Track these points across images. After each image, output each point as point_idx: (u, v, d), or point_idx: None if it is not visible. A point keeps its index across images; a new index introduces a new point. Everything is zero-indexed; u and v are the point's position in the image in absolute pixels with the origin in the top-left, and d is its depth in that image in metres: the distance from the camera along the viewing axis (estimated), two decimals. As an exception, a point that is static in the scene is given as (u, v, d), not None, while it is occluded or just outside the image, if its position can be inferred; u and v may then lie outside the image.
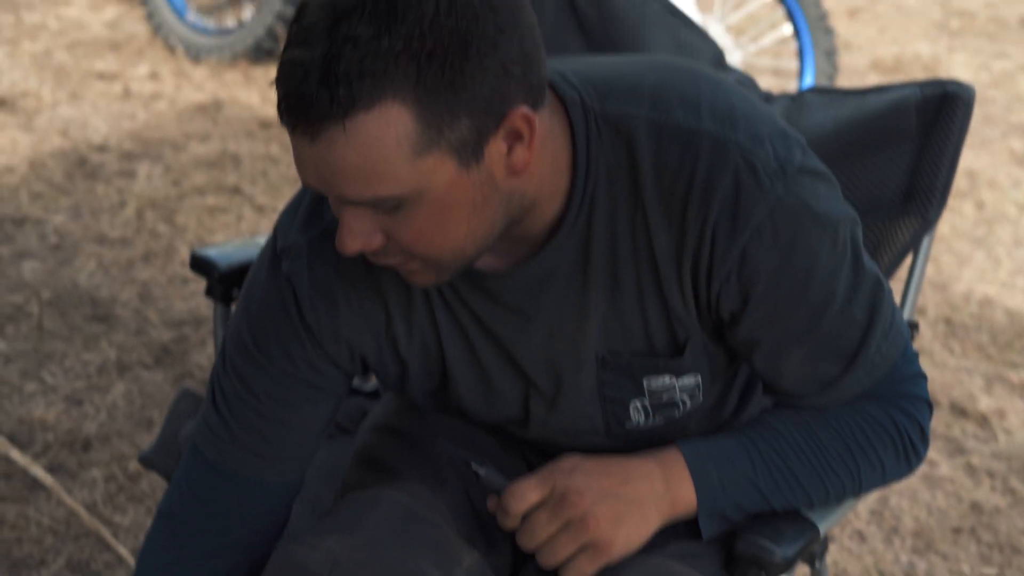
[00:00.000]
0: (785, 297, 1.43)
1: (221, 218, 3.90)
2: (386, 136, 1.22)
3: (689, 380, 1.53)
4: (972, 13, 6.24)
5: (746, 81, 2.10)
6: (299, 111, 1.22)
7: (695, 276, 1.43)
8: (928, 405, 1.59)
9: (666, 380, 1.53)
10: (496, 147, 1.29)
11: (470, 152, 1.27)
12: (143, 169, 4.19)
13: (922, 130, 1.88)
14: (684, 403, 1.55)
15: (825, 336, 1.47)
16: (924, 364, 3.25)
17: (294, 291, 1.49)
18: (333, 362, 1.52)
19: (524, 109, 1.29)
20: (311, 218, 1.49)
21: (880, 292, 1.50)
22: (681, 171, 1.38)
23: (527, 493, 1.46)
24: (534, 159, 1.34)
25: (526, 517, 1.47)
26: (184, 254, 3.65)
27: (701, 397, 1.56)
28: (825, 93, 2.03)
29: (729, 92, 1.45)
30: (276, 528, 1.59)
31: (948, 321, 3.58)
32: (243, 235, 3.78)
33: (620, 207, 1.42)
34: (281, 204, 3.98)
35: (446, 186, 1.28)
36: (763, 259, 1.40)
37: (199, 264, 1.98)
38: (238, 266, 1.97)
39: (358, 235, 1.32)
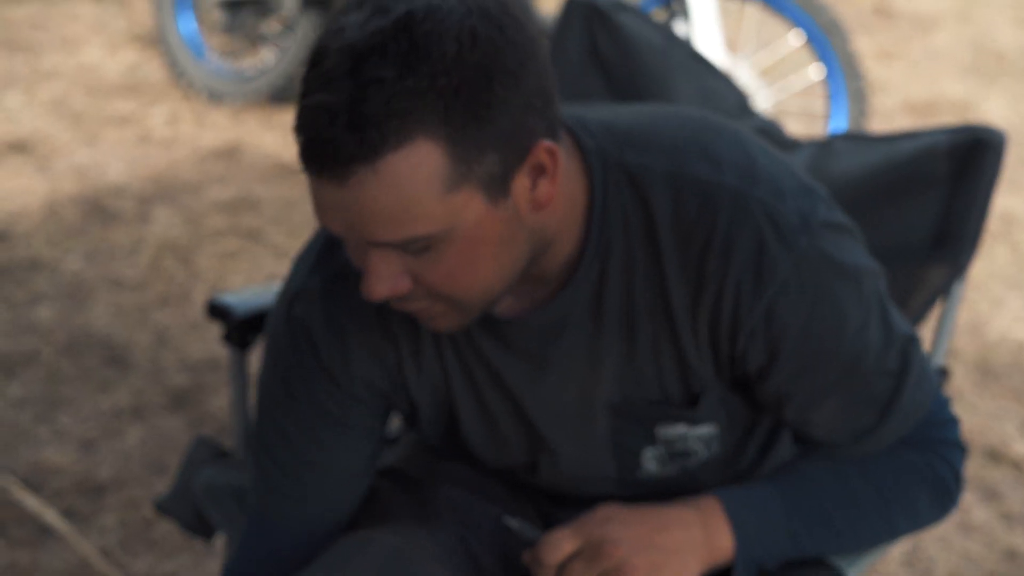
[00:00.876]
0: (816, 351, 1.42)
1: (239, 262, 3.85)
2: (417, 174, 1.22)
3: (705, 430, 1.52)
4: (1004, 54, 6.19)
5: (770, 127, 2.10)
6: (326, 156, 1.21)
7: (714, 331, 1.42)
8: (961, 449, 1.57)
9: (680, 429, 1.51)
10: (521, 182, 1.28)
11: (497, 187, 1.27)
12: (160, 213, 4.15)
13: (952, 176, 1.87)
14: (699, 452, 1.53)
15: (859, 388, 1.46)
16: (958, 408, 3.18)
17: (309, 334, 1.49)
18: (357, 399, 1.52)
19: (547, 142, 1.28)
20: (323, 261, 1.49)
21: (912, 341, 1.50)
22: (699, 225, 1.38)
23: (562, 543, 1.43)
24: (555, 197, 1.34)
25: (561, 568, 1.44)
26: (201, 298, 3.61)
27: (718, 447, 1.54)
28: (854, 139, 2.05)
29: (751, 146, 1.43)
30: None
31: (982, 365, 3.50)
32: (261, 279, 3.73)
33: (636, 256, 1.41)
34: (301, 247, 3.93)
35: (475, 223, 1.27)
36: (790, 314, 1.39)
37: (217, 311, 1.97)
38: (256, 312, 1.96)
39: (386, 280, 1.29)
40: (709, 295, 1.39)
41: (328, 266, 1.49)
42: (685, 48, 2.19)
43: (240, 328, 1.94)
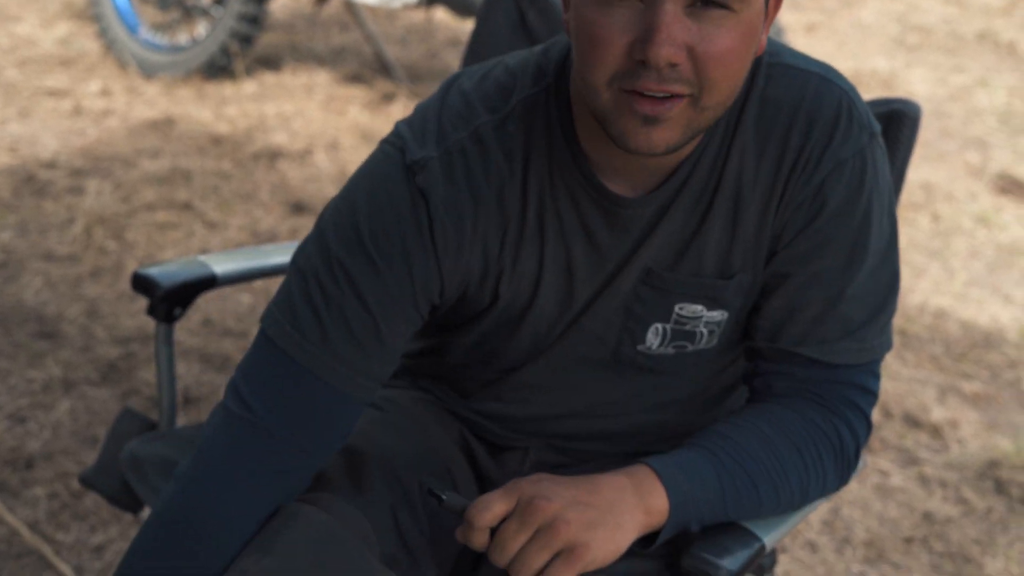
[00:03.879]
0: (834, 237, 1.52)
1: (171, 234, 3.86)
2: None
3: (716, 315, 1.58)
4: (929, 28, 6.26)
5: None
6: None
7: (780, 202, 1.52)
8: (869, 425, 1.62)
9: (697, 308, 1.57)
10: (768, 8, 1.41)
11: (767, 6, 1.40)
12: (92, 185, 4.15)
13: None
14: (701, 337, 1.59)
15: (845, 295, 1.54)
16: (878, 376, 3.25)
17: (427, 205, 1.47)
18: (443, 289, 1.51)
19: None
20: (440, 135, 1.49)
21: (895, 289, 1.59)
22: (786, 102, 1.49)
23: (492, 504, 1.42)
24: None
25: (494, 532, 1.43)
26: (133, 271, 3.59)
27: (716, 343, 1.61)
28: None
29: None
30: (336, 448, 1.51)
31: (903, 332, 3.57)
32: (194, 252, 3.73)
33: (715, 134, 1.50)
34: (233, 220, 3.95)
35: (757, 13, 1.36)
36: (833, 194, 1.50)
37: (141, 283, 1.95)
38: (181, 285, 1.94)
39: (673, 42, 1.32)
40: (788, 165, 1.50)
41: (442, 140, 1.49)
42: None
43: (165, 300, 1.93)
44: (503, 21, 2.16)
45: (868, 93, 5.36)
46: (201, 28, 5.16)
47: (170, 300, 1.94)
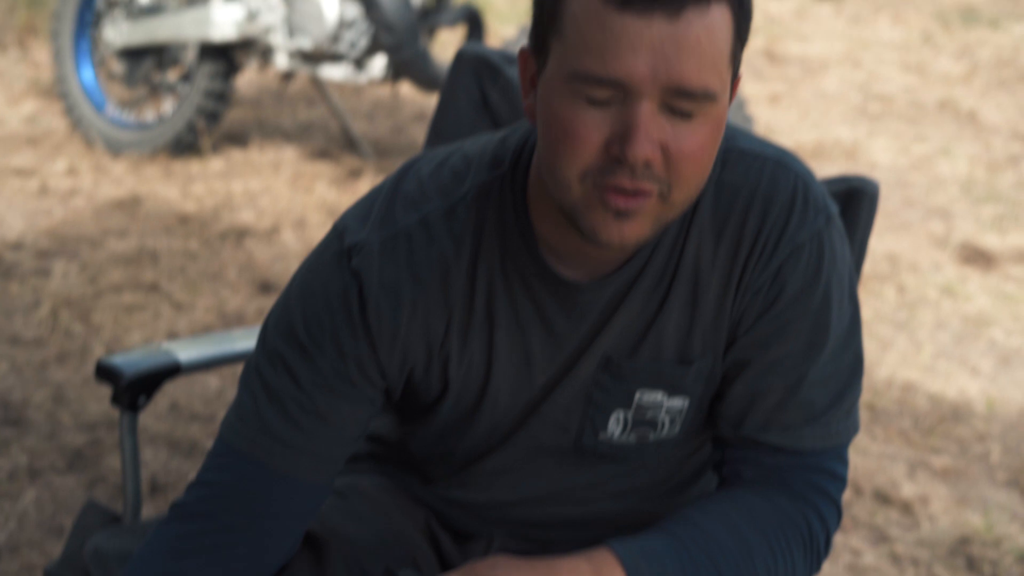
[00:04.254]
0: (793, 321, 1.52)
1: (138, 316, 3.84)
2: (723, 32, 1.34)
3: (677, 403, 1.58)
4: (891, 97, 6.33)
5: None
6: None
7: (737, 287, 1.53)
8: (839, 512, 1.62)
9: (658, 396, 1.57)
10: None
11: (732, 90, 1.41)
12: (59, 267, 4.13)
13: None
14: (663, 425, 1.59)
15: (807, 381, 1.54)
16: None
17: (360, 288, 1.49)
18: (382, 371, 1.52)
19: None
20: (385, 219, 1.51)
21: (859, 372, 1.59)
22: (742, 187, 1.51)
23: None
24: None
25: None
26: (99, 354, 3.59)
27: (678, 431, 1.60)
28: None
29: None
30: (296, 537, 1.55)
31: (871, 407, 3.58)
32: (160, 333, 3.72)
33: (680, 224, 1.52)
34: (200, 301, 3.94)
35: (724, 109, 1.39)
36: (791, 279, 1.51)
37: (105, 372, 1.94)
38: (145, 374, 1.93)
39: (651, 142, 1.34)
40: (744, 249, 1.51)
41: (389, 225, 1.51)
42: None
43: (129, 390, 1.92)
44: (465, 101, 2.17)
45: (831, 163, 5.41)
46: (168, 105, 5.17)
47: (134, 389, 1.93)
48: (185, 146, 5.04)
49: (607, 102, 1.34)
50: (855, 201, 1.91)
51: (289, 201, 4.75)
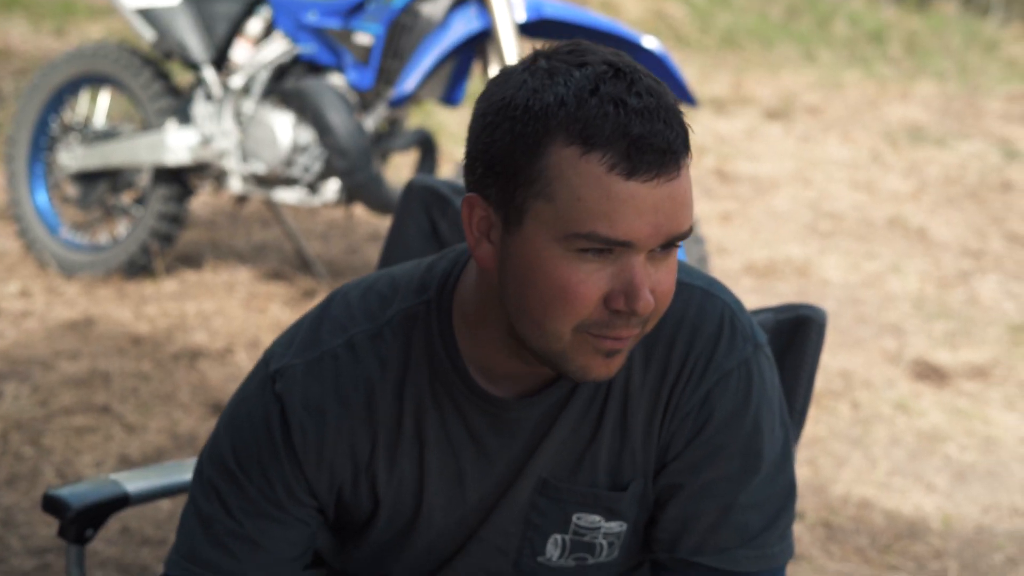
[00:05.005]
0: (724, 446, 1.55)
1: (89, 439, 3.80)
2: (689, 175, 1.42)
3: (615, 526, 1.60)
4: (841, 215, 6.41)
5: None
6: (669, 152, 1.36)
7: (664, 413, 1.55)
8: None
9: (595, 519, 1.58)
10: None
11: None
12: (10, 389, 4.09)
13: (778, 354, 1.93)
14: (601, 549, 1.60)
15: (740, 504, 1.56)
16: (803, 570, 3.24)
17: (283, 409, 1.53)
18: (312, 491, 1.55)
19: None
20: (309, 343, 1.55)
21: (793, 496, 1.62)
22: (670, 315, 1.54)
23: None
24: None
25: None
26: (50, 477, 3.54)
27: (617, 554, 1.62)
28: None
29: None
30: None
31: (827, 524, 3.57)
32: (112, 457, 3.68)
33: None
34: (152, 423, 3.91)
35: None
36: (720, 405, 1.54)
37: (51, 504, 1.94)
38: (92, 506, 1.93)
39: (648, 292, 1.40)
40: (671, 376, 1.54)
41: (313, 348, 1.55)
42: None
43: (76, 522, 1.91)
44: (415, 231, 2.20)
45: (783, 281, 5.45)
46: (122, 228, 5.17)
47: (81, 522, 1.92)
48: (139, 268, 5.03)
49: (604, 257, 1.39)
50: (804, 329, 1.94)
51: (243, 322, 4.74)
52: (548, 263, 1.39)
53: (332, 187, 4.72)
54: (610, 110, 1.34)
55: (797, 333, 1.94)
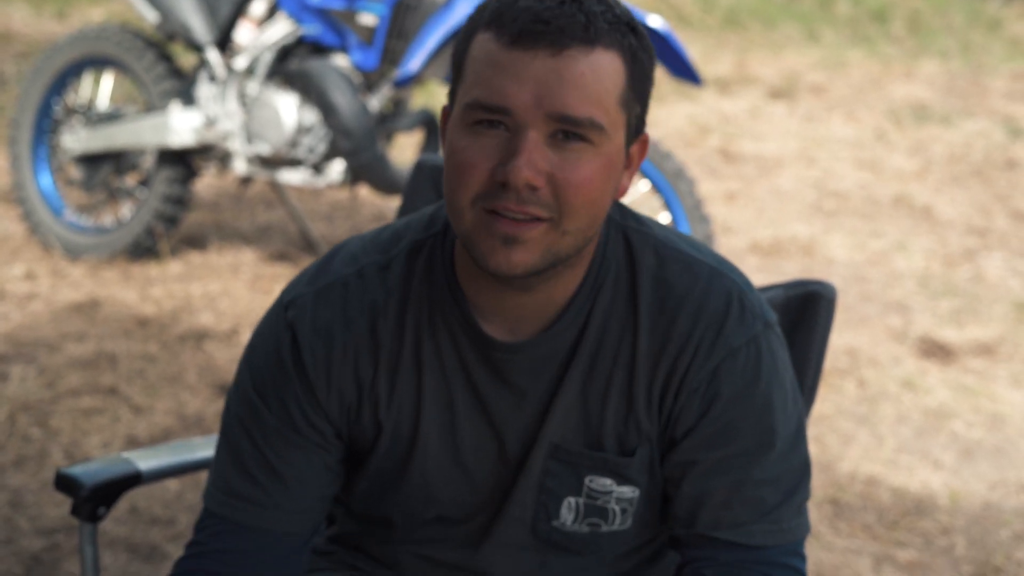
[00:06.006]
0: (736, 423, 1.56)
1: (96, 420, 3.81)
2: (610, 74, 1.46)
3: (627, 491, 1.62)
4: (846, 194, 6.40)
5: None
6: (551, 31, 1.43)
7: (666, 385, 1.56)
8: None
9: (607, 482, 1.60)
10: (630, 154, 1.54)
11: (631, 138, 1.52)
12: (16, 371, 4.10)
13: (788, 330, 1.93)
14: (615, 516, 1.62)
15: (755, 480, 1.57)
16: (811, 547, 3.24)
17: (294, 335, 1.59)
18: (325, 413, 1.60)
19: (646, 133, 1.57)
20: (319, 274, 1.62)
21: (808, 473, 1.63)
22: (677, 287, 1.56)
23: None
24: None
25: None
26: (58, 458, 3.55)
27: (630, 522, 1.64)
28: None
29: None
30: None
31: (834, 501, 3.58)
32: (119, 438, 3.69)
33: (618, 305, 1.57)
34: (159, 404, 3.91)
35: (616, 150, 1.49)
36: (728, 381, 1.55)
37: (64, 483, 1.95)
38: (104, 484, 1.94)
39: (532, 166, 1.43)
40: (673, 349, 1.55)
41: (323, 277, 1.61)
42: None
43: (89, 501, 1.92)
44: (431, 189, 2.21)
45: (788, 260, 5.45)
46: (126, 210, 5.17)
47: (94, 500, 1.94)
48: (143, 250, 5.03)
49: (497, 132, 1.45)
50: (813, 305, 1.94)
51: (248, 303, 4.74)
52: (453, 138, 1.49)
53: (337, 168, 4.72)
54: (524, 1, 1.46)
55: (807, 309, 1.95)
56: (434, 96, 7.15)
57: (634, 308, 1.57)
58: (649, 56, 1.52)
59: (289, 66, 4.73)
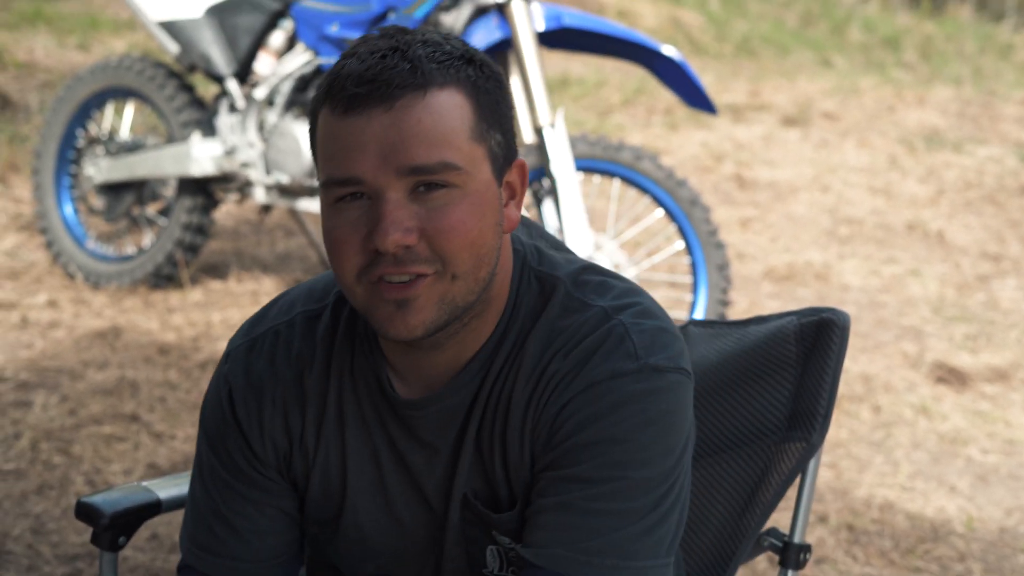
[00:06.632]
0: (574, 448, 1.49)
1: (118, 447, 3.85)
2: (453, 111, 1.44)
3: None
4: (860, 220, 6.42)
5: None
6: (379, 81, 1.42)
7: (535, 426, 1.53)
8: None
9: (506, 540, 1.59)
10: (505, 184, 1.52)
11: (498, 168, 1.49)
12: (39, 399, 4.14)
13: (802, 357, 1.92)
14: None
15: (575, 506, 1.50)
16: (828, 573, 3.26)
17: (230, 389, 1.62)
18: (264, 463, 1.62)
19: (520, 159, 1.54)
20: (256, 323, 1.65)
21: (660, 531, 1.52)
22: (565, 332, 1.53)
23: None
24: (502, 260, 1.51)
25: None
26: (79, 485, 3.59)
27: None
28: (707, 325, 2.09)
29: (645, 296, 1.60)
30: None
31: (850, 527, 3.59)
32: (141, 465, 3.72)
33: (512, 354, 1.55)
34: (180, 431, 3.95)
35: (484, 184, 1.46)
36: (579, 410, 1.49)
37: (85, 511, 1.95)
38: (124, 512, 1.94)
39: (399, 225, 1.43)
40: (540, 389, 1.52)
41: (259, 326, 1.64)
42: (536, 229, 2.26)
43: (109, 529, 1.92)
44: None
45: (803, 286, 5.48)
46: (147, 238, 5.22)
47: (114, 528, 1.94)
48: (165, 278, 5.08)
49: (360, 203, 1.45)
50: (826, 333, 1.92)
51: (268, 331, 4.77)
52: (323, 220, 1.49)
53: (355, 197, 4.75)
54: (347, 66, 1.45)
55: (820, 337, 1.93)
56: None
57: (520, 354, 1.55)
58: (496, 82, 1.50)
59: (308, 96, 4.78)
